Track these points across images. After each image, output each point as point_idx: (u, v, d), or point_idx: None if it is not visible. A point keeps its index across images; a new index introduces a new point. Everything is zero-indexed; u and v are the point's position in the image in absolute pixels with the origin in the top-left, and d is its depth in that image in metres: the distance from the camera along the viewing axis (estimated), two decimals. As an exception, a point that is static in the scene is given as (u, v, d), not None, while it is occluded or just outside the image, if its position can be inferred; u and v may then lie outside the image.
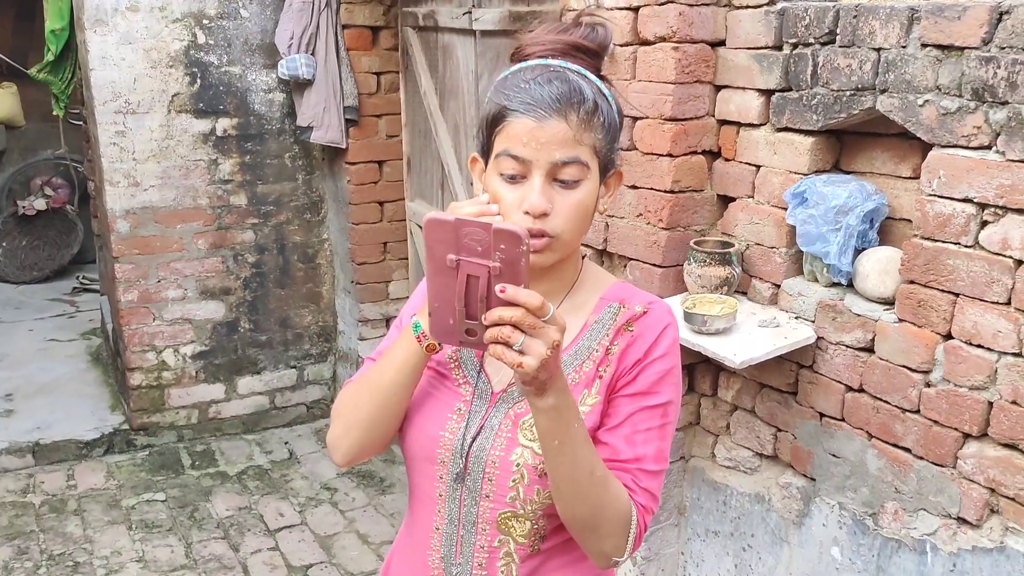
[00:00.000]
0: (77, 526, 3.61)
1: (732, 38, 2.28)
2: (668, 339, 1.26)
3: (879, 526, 2.06)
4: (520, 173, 1.17)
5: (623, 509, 1.19)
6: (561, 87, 1.16)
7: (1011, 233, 1.73)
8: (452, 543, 1.30)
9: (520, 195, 1.17)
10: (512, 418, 1.25)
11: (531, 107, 1.16)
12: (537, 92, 1.16)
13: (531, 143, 1.15)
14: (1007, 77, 1.70)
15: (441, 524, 1.30)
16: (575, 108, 1.16)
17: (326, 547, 3.49)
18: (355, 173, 4.21)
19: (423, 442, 1.28)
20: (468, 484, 1.26)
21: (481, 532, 1.27)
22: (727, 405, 2.45)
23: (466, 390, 1.28)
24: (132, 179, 4.03)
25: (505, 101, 1.18)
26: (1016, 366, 1.75)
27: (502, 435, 1.24)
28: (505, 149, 1.17)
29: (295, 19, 3.94)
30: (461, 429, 1.26)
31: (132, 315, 4.17)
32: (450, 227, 1.01)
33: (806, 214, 2.10)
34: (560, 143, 1.16)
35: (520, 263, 1.00)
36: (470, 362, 1.30)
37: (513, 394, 1.26)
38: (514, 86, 1.18)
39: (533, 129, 1.15)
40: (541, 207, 1.16)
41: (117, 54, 3.89)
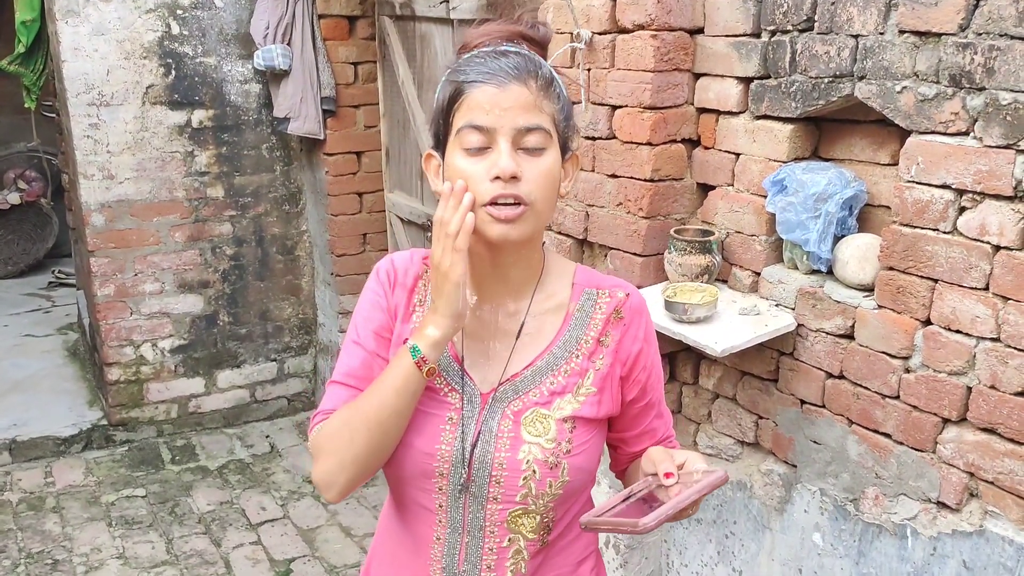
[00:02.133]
0: (56, 524, 3.57)
1: (710, 25, 2.27)
2: (649, 319, 1.33)
3: (860, 511, 2.08)
4: (484, 144, 1.15)
5: None
6: (517, 59, 1.18)
7: (989, 219, 1.74)
8: (455, 551, 1.27)
9: (486, 165, 1.15)
10: (511, 417, 1.23)
11: (490, 75, 1.15)
12: (494, 63, 1.16)
13: (494, 110, 1.15)
14: (984, 63, 1.71)
15: (442, 534, 1.27)
16: (533, 76, 1.17)
17: (309, 540, 3.48)
18: (333, 164, 4.18)
19: (417, 459, 1.24)
20: (473, 491, 1.24)
21: (489, 535, 1.26)
22: (708, 393, 2.46)
23: (454, 397, 1.25)
24: (107, 172, 3.98)
25: (462, 77, 1.17)
26: (994, 351, 1.76)
27: (504, 435, 1.23)
28: (468, 121, 1.16)
29: (271, 9, 3.90)
30: (458, 439, 1.23)
31: (109, 309, 4.13)
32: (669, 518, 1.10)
33: (785, 202, 2.10)
34: (523, 107, 1.15)
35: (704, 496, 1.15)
36: (451, 368, 1.26)
37: (507, 392, 1.25)
38: (468, 63, 1.18)
39: (495, 95, 1.15)
40: (511, 169, 1.14)
41: (89, 45, 3.83)
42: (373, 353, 1.28)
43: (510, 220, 1.16)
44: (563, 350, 1.26)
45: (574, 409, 1.24)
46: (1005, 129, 1.69)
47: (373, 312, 1.30)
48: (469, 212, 1.14)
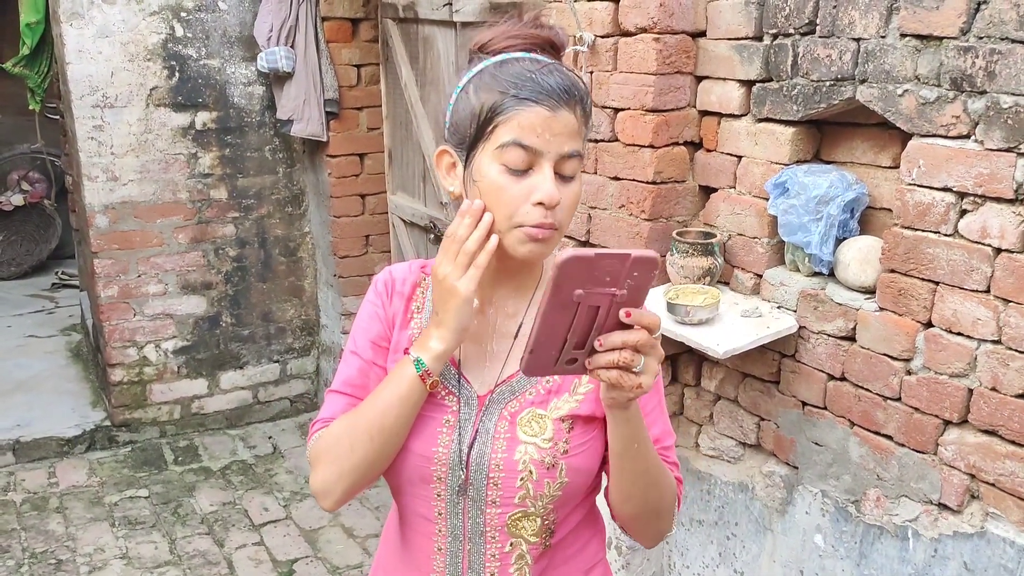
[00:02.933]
0: (59, 524, 3.58)
1: (713, 29, 2.28)
2: None
3: (861, 513, 2.08)
4: (527, 165, 1.14)
5: (673, 486, 1.25)
6: (566, 80, 1.15)
7: (990, 222, 1.74)
8: (458, 560, 1.26)
9: (526, 187, 1.14)
10: (508, 418, 1.23)
11: (543, 96, 1.13)
12: (546, 82, 1.13)
13: (544, 133, 1.13)
14: (985, 66, 1.72)
15: (443, 543, 1.26)
16: (580, 102, 1.16)
17: (311, 541, 3.49)
18: (336, 166, 4.19)
19: (415, 463, 1.23)
20: (471, 494, 1.23)
21: (491, 540, 1.25)
22: (710, 395, 2.47)
23: (451, 400, 1.24)
24: (111, 173, 3.99)
25: (512, 90, 1.13)
26: (995, 353, 1.77)
27: (501, 437, 1.22)
28: (516, 139, 1.13)
29: (274, 11, 3.91)
30: (455, 441, 1.22)
31: (112, 310, 4.14)
32: (588, 262, 0.98)
33: (787, 204, 2.11)
34: (569, 135, 1.14)
35: (647, 287, 1.00)
36: (448, 372, 1.25)
37: (503, 393, 1.24)
38: (518, 75, 1.14)
39: (548, 119, 1.13)
40: (558, 198, 1.14)
41: (94, 47, 3.84)
42: (370, 362, 1.29)
43: (542, 241, 1.16)
44: None
45: (571, 408, 1.23)
46: (1006, 132, 1.70)
47: (371, 323, 1.31)
48: (493, 233, 1.14)
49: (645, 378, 1.03)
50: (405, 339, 1.28)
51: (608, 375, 1.01)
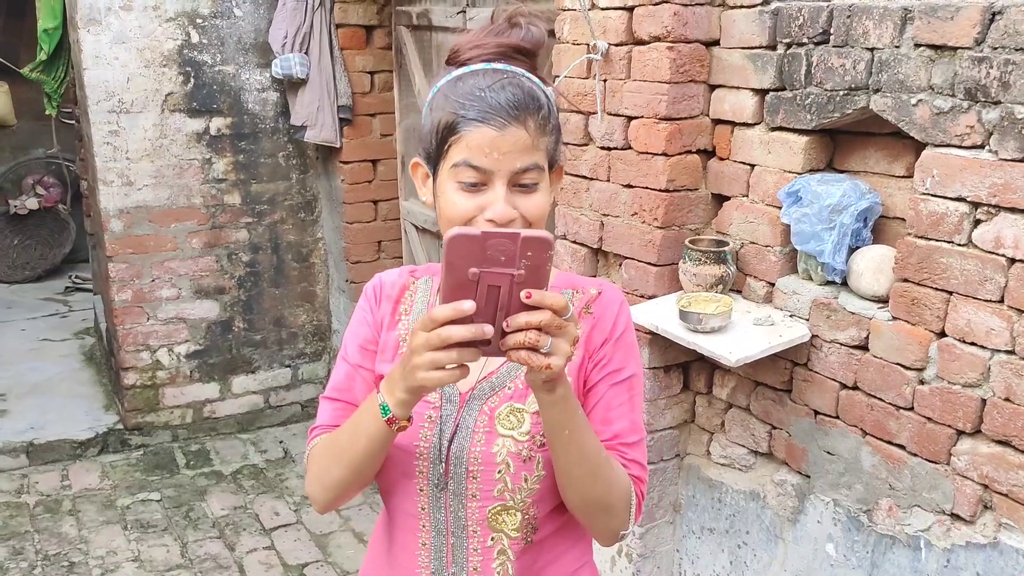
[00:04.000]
0: (72, 526, 3.60)
1: (726, 38, 2.29)
2: (625, 315, 1.30)
3: (873, 522, 2.08)
4: (480, 182, 1.16)
5: (625, 483, 1.23)
6: (517, 93, 1.15)
7: (1004, 232, 1.74)
8: (442, 555, 1.29)
9: (479, 203, 1.16)
10: (487, 413, 1.25)
11: (490, 115, 1.14)
12: (494, 100, 1.14)
13: (492, 153, 1.14)
14: (1000, 77, 1.72)
15: (427, 539, 1.29)
16: (532, 115, 1.16)
17: (322, 546, 3.50)
18: (349, 172, 4.21)
19: (399, 458, 1.26)
20: (452, 488, 1.26)
21: (472, 535, 1.27)
22: (722, 403, 2.47)
23: (433, 397, 1.26)
24: (126, 178, 4.03)
25: (461, 110, 1.15)
26: (1009, 364, 1.77)
27: (480, 431, 1.24)
28: (465, 160, 1.15)
29: (289, 18, 3.94)
30: (435, 435, 1.25)
31: (126, 314, 4.17)
32: (476, 241, 1.00)
33: (800, 213, 2.11)
34: (520, 151, 1.15)
35: (546, 268, 1.01)
36: None
37: (484, 390, 1.26)
38: (468, 94, 1.16)
39: (494, 139, 1.14)
40: (508, 215, 1.15)
41: (110, 53, 3.88)
42: (356, 366, 1.32)
43: None
44: None
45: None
46: (1020, 143, 1.70)
47: (359, 328, 1.34)
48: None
49: (554, 359, 1.01)
50: (392, 340, 1.31)
51: (517, 356, 1.01)
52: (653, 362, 2.45)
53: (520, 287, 1.01)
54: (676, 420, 2.55)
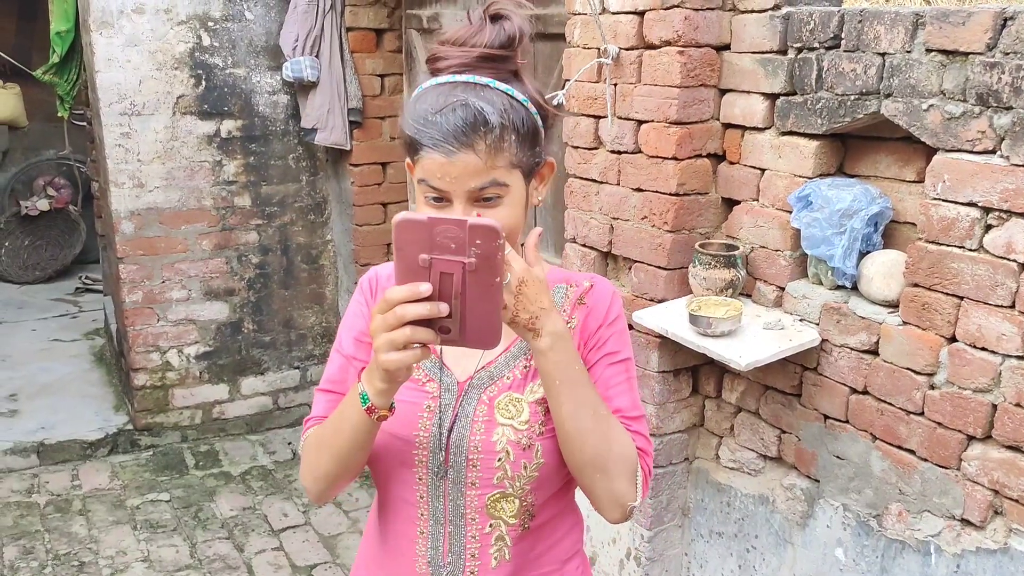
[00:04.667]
0: (82, 526, 3.62)
1: (737, 42, 2.29)
2: (617, 305, 1.35)
3: (883, 527, 2.08)
4: (443, 198, 1.19)
5: (628, 447, 1.25)
6: (466, 117, 1.16)
7: (1015, 237, 1.74)
8: (439, 542, 1.31)
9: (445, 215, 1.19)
10: (487, 402, 1.28)
11: (439, 143, 1.16)
12: (444, 126, 1.16)
13: (444, 177, 1.17)
14: (1011, 82, 1.72)
15: (425, 527, 1.31)
16: (481, 137, 1.16)
17: (330, 547, 3.51)
18: (359, 175, 4.22)
19: (397, 447, 1.28)
20: (451, 476, 1.28)
21: (471, 522, 1.29)
22: (731, 407, 2.47)
23: (431, 387, 1.30)
24: (137, 180, 4.05)
25: (416, 134, 1.18)
26: (1020, 369, 1.76)
27: (479, 420, 1.27)
28: (424, 179, 1.19)
29: (300, 21, 3.96)
30: (435, 424, 1.28)
31: (136, 316, 4.19)
32: (423, 226, 1.02)
33: (811, 217, 2.11)
34: (472, 174, 1.17)
35: (497, 256, 1.03)
36: (430, 360, 1.29)
37: (482, 379, 1.30)
38: (422, 118, 1.18)
39: (444, 165, 1.16)
40: None
41: (123, 56, 3.90)
42: (350, 358, 1.34)
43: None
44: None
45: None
46: (1032, 148, 1.70)
47: (354, 320, 1.37)
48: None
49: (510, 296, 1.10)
50: None
51: None
52: (662, 366, 2.46)
53: (473, 275, 1.03)
54: (685, 424, 2.55)
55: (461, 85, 1.19)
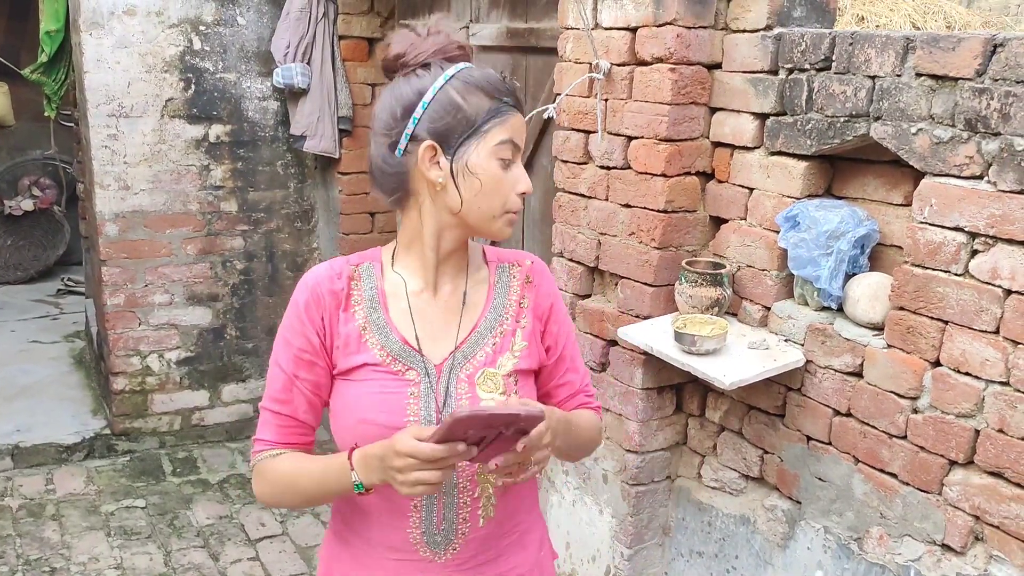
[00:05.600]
0: (55, 531, 3.56)
1: (728, 61, 2.30)
2: (551, 278, 1.56)
3: (864, 551, 2.07)
4: (511, 159, 1.36)
5: (598, 430, 1.57)
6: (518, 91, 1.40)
7: (1001, 263, 1.74)
8: (432, 513, 1.40)
9: (511, 178, 1.36)
10: (466, 380, 1.40)
11: (520, 104, 1.38)
12: (516, 93, 1.37)
13: (521, 135, 1.38)
14: (1000, 109, 1.72)
15: (419, 502, 1.39)
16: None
17: (307, 558, 3.47)
18: (347, 183, 4.21)
19: (388, 436, 1.31)
20: None
21: (462, 491, 1.40)
22: (714, 426, 2.46)
23: (411, 375, 1.39)
24: (123, 182, 4.01)
25: (504, 97, 1.35)
26: (1003, 395, 1.76)
27: (463, 397, 1.39)
28: (509, 138, 1.35)
29: (292, 28, 3.95)
30: (423, 408, 1.37)
31: (118, 319, 4.14)
32: (482, 420, 1.17)
33: (798, 238, 2.11)
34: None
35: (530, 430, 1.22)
36: (404, 351, 1.39)
37: (458, 360, 1.41)
38: (498, 87, 1.35)
39: (522, 124, 1.38)
40: (530, 187, 1.40)
41: (112, 57, 3.88)
42: (292, 375, 1.41)
43: (512, 224, 1.40)
44: (494, 316, 1.45)
45: (514, 364, 1.43)
46: (1019, 174, 1.70)
47: (292, 337, 1.41)
48: None
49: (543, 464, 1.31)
50: (354, 332, 1.40)
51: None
52: (646, 383, 2.45)
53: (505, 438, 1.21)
54: (668, 442, 2.54)
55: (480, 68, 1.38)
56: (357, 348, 1.38)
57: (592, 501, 2.68)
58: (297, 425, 1.43)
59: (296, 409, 1.41)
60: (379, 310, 1.40)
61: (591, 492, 2.68)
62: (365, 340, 1.39)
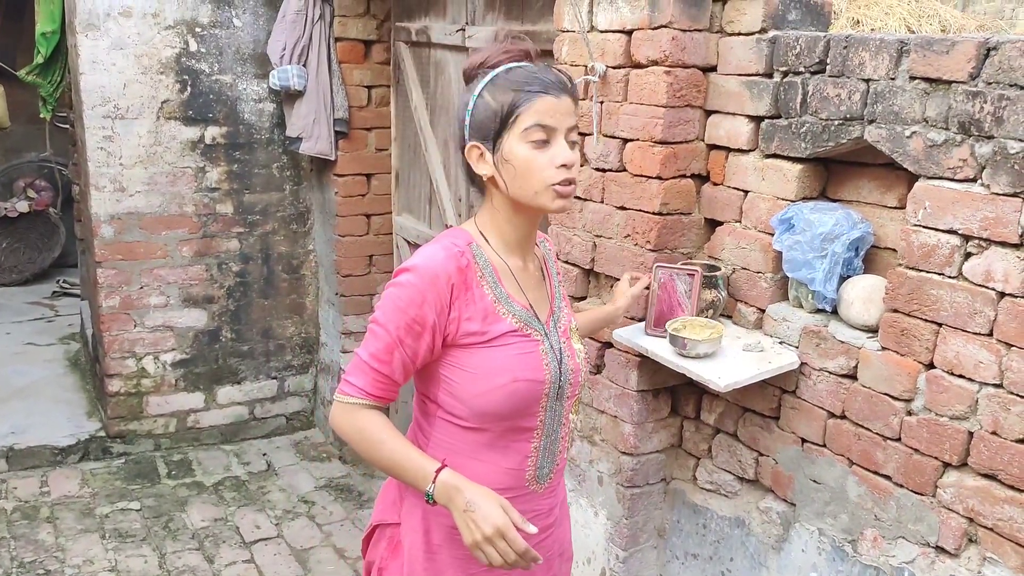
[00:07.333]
0: (49, 534, 3.56)
1: (723, 64, 2.30)
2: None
3: (858, 553, 2.07)
4: (546, 139, 1.51)
5: None
6: (560, 75, 1.55)
7: (994, 265, 1.75)
8: (546, 451, 1.66)
9: (549, 156, 1.51)
10: (563, 336, 1.68)
11: (550, 87, 1.51)
12: (548, 78, 1.52)
13: (555, 115, 1.51)
14: (993, 112, 1.73)
15: (539, 443, 1.64)
16: (571, 89, 1.56)
17: (302, 561, 3.46)
18: (343, 185, 4.21)
19: (533, 390, 1.58)
20: (560, 396, 1.64)
21: (563, 426, 1.68)
22: (709, 428, 2.46)
23: (536, 335, 1.62)
24: (118, 184, 4.01)
25: (525, 87, 1.50)
26: (997, 397, 1.77)
27: (567, 347, 1.67)
28: (536, 122, 1.50)
29: (288, 30, 3.95)
30: (551, 362, 1.61)
31: (113, 321, 4.14)
32: None
33: (792, 240, 2.12)
34: (569, 113, 1.54)
35: None
36: (526, 314, 1.61)
37: (556, 318, 1.69)
38: (524, 76, 1.52)
39: (554, 104, 1.51)
40: (576, 158, 1.54)
41: (108, 59, 3.87)
42: (399, 339, 1.53)
43: (567, 196, 1.55)
44: (557, 282, 1.76)
45: (574, 318, 1.80)
46: (1012, 177, 1.71)
47: (412, 308, 1.52)
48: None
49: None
50: (489, 304, 1.58)
51: None
52: (641, 385, 2.45)
53: None
54: (663, 444, 2.54)
55: (540, 65, 1.57)
56: (495, 318, 1.57)
57: (587, 503, 2.68)
58: (390, 384, 1.55)
59: (393, 370, 1.54)
60: (498, 284, 1.59)
61: (586, 494, 2.68)
62: (499, 311, 1.58)
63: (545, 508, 1.70)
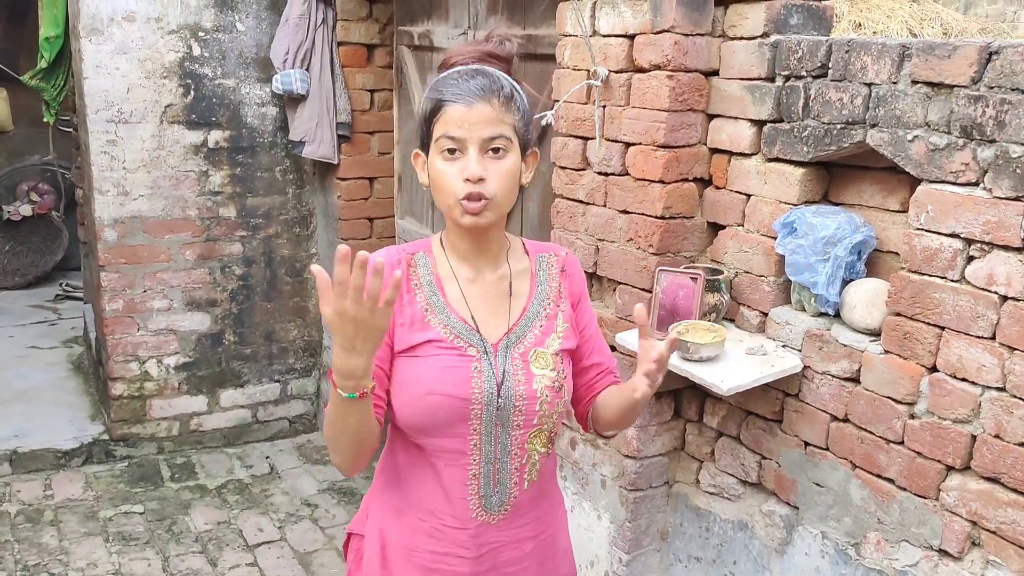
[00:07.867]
0: (53, 537, 3.56)
1: (726, 68, 2.31)
2: (582, 270, 1.71)
3: (861, 556, 2.07)
4: (458, 149, 1.43)
5: None
6: (483, 79, 1.45)
7: (997, 269, 1.75)
8: (489, 481, 1.54)
9: (459, 167, 1.43)
10: (520, 358, 1.53)
11: (460, 96, 1.43)
12: (464, 85, 1.44)
13: (464, 125, 1.42)
14: (995, 116, 1.73)
15: (477, 469, 1.52)
16: (496, 94, 1.44)
17: (305, 564, 3.47)
18: (346, 189, 4.22)
19: (455, 407, 1.47)
20: (501, 421, 1.51)
21: (514, 457, 1.54)
22: (712, 431, 2.46)
23: (472, 351, 1.51)
24: (122, 188, 4.02)
25: (439, 96, 1.45)
26: (1000, 400, 1.77)
27: (519, 373, 1.52)
28: (444, 132, 1.43)
29: (291, 34, 3.96)
30: (485, 382, 1.49)
31: (116, 324, 4.14)
32: None
33: (795, 244, 2.12)
34: (487, 123, 1.43)
35: None
36: (463, 329, 1.52)
37: (511, 340, 1.54)
38: (445, 84, 1.46)
39: (464, 113, 1.42)
40: (478, 172, 1.42)
41: (111, 63, 3.88)
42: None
43: (476, 213, 1.44)
44: (539, 302, 1.59)
45: (560, 344, 1.58)
46: (1014, 181, 1.71)
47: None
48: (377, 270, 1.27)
49: None
50: (418, 311, 1.52)
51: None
52: (644, 388, 2.45)
53: None
54: (666, 447, 2.55)
55: (476, 67, 1.47)
56: (422, 327, 1.51)
57: (590, 506, 2.68)
58: None
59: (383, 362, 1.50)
60: (437, 293, 1.54)
61: (589, 497, 2.68)
62: (427, 320, 1.51)
63: (506, 540, 1.58)
